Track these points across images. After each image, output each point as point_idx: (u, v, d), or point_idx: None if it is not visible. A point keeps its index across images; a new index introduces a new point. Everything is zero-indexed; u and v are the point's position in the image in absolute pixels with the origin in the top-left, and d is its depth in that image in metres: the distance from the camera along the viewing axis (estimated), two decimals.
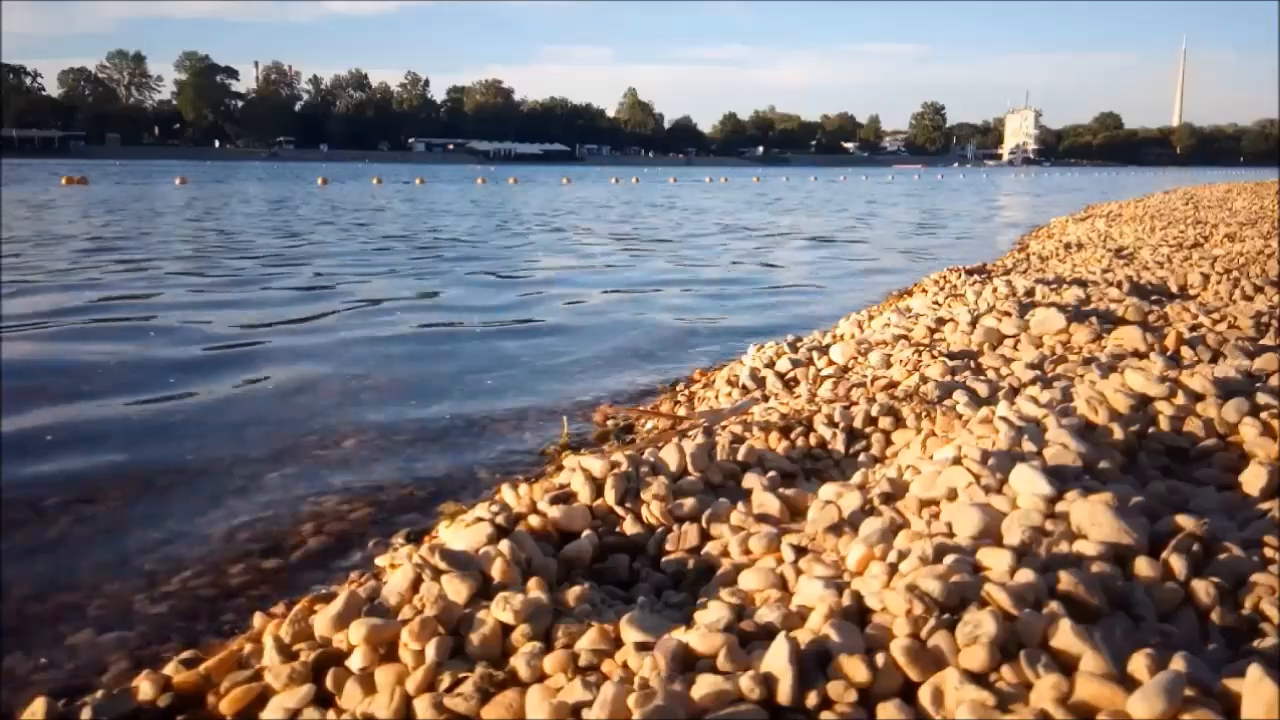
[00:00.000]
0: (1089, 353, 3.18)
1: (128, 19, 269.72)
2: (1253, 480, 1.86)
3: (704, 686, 1.23)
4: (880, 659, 1.24)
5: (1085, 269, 5.96)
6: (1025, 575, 1.36)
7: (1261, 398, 2.15)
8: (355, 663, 1.45)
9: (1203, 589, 1.40)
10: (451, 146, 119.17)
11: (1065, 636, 1.23)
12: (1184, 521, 1.55)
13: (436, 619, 1.48)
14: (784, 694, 1.20)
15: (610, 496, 2.00)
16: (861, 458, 2.44)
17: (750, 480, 2.16)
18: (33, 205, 16.83)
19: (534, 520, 1.91)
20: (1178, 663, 1.16)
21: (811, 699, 1.20)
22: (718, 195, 27.93)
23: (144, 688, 1.51)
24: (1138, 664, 1.17)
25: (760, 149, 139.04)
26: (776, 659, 1.24)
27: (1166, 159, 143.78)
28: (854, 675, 1.22)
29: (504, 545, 1.69)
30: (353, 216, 15.82)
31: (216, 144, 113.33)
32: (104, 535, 2.40)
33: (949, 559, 1.45)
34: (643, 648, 1.36)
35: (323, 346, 4.86)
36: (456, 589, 1.55)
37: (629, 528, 1.94)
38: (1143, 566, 1.44)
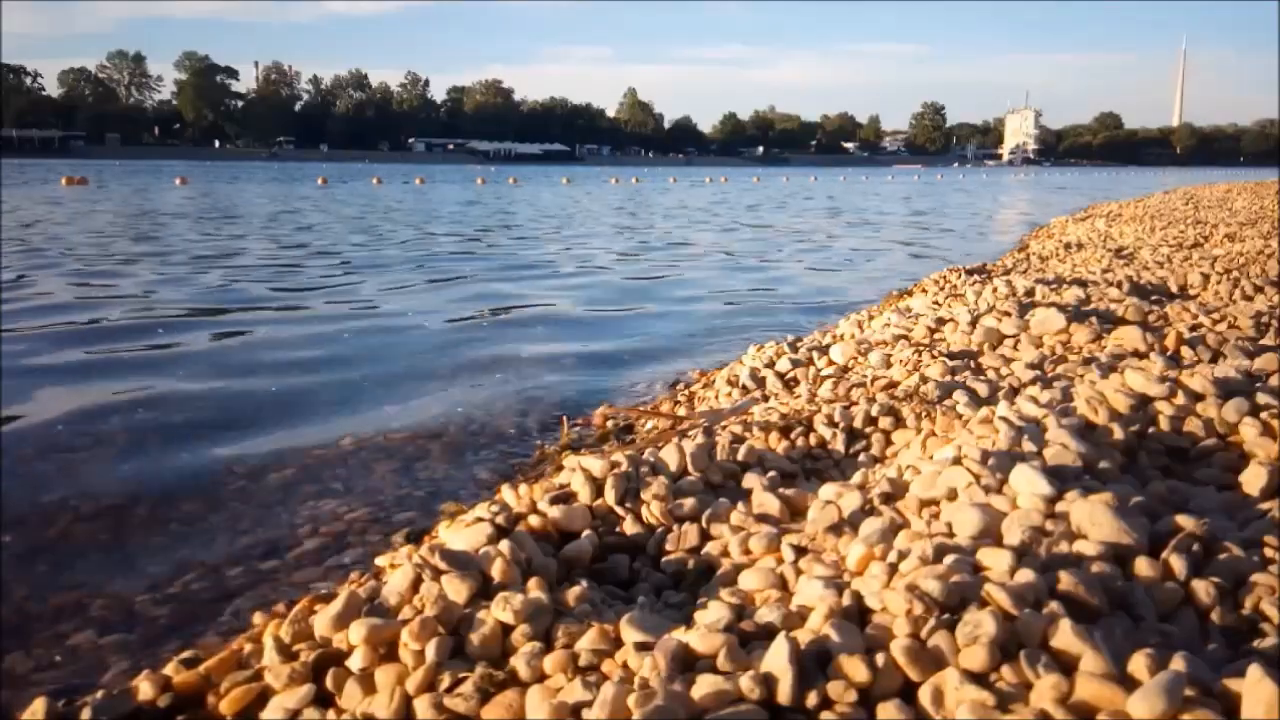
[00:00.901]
0: (1089, 353, 3.18)
1: (128, 19, 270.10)
2: (1253, 480, 1.86)
3: (704, 686, 1.22)
4: (880, 659, 1.24)
5: (1085, 269, 5.96)
6: (1025, 575, 1.36)
7: (1261, 398, 2.15)
8: (355, 663, 1.45)
9: (1203, 589, 1.40)
10: (451, 146, 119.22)
11: (1065, 636, 1.23)
12: (1184, 521, 1.54)
13: (436, 619, 1.48)
14: (784, 694, 1.20)
15: (610, 496, 2.00)
16: (861, 458, 2.44)
17: (750, 480, 2.16)
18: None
19: (534, 520, 1.90)
20: (1178, 663, 1.16)
21: (811, 699, 1.20)
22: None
23: (144, 688, 1.50)
24: (1138, 664, 1.17)
25: (760, 149, 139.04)
26: (776, 659, 1.24)
27: (1166, 159, 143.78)
28: (854, 675, 1.22)
29: (504, 545, 1.68)
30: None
31: (216, 144, 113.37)
32: (105, 534, 2.40)
33: (949, 559, 1.45)
34: (643, 648, 1.36)
35: (319, 341, 4.86)
36: (456, 589, 1.55)
37: (629, 528, 1.94)
38: (1143, 566, 1.44)
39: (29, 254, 8.97)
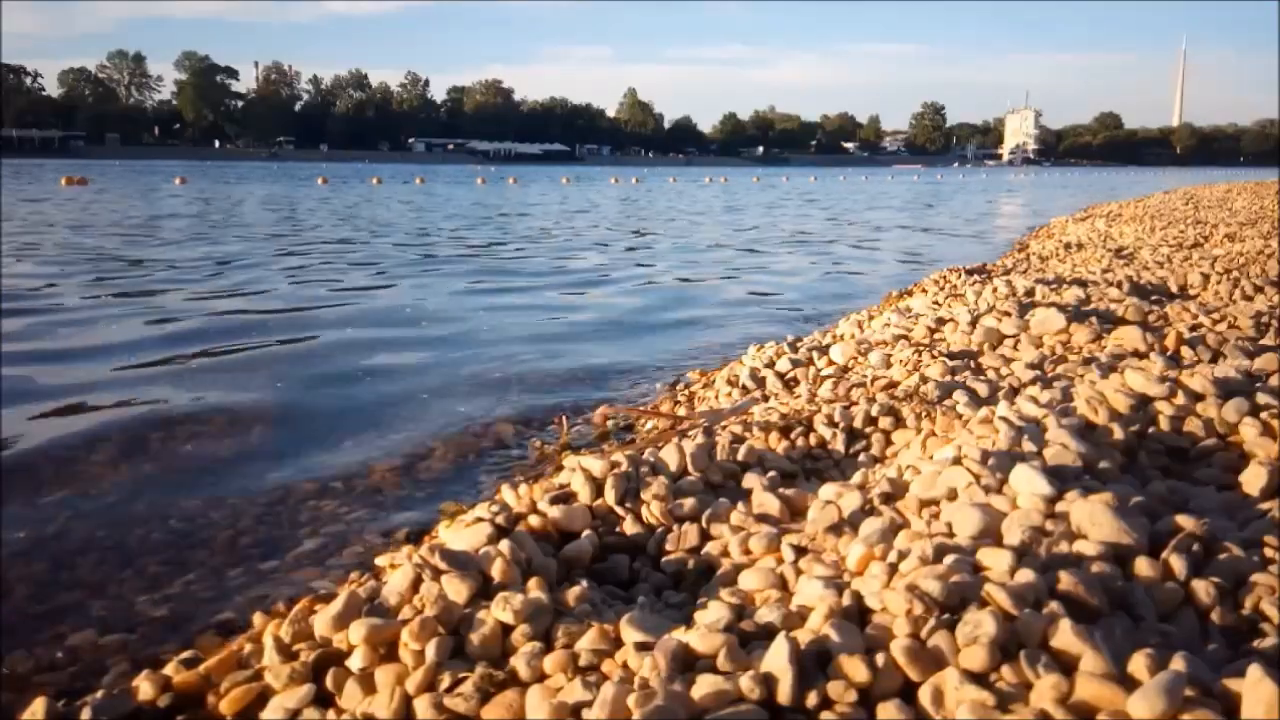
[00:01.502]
0: (1089, 353, 3.18)
1: (128, 19, 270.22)
2: (1253, 480, 1.86)
3: (704, 686, 1.23)
4: (880, 659, 1.24)
5: (1085, 269, 5.96)
6: (1025, 575, 1.36)
7: (1261, 398, 2.15)
8: (355, 663, 1.45)
9: (1203, 589, 1.40)
10: (451, 146, 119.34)
11: (1065, 636, 1.23)
12: (1184, 521, 1.55)
13: (436, 619, 1.48)
14: (784, 694, 1.20)
15: (610, 496, 2.00)
16: (861, 458, 2.44)
17: (750, 480, 2.16)
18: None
19: (534, 520, 1.90)
20: (1178, 663, 1.16)
21: (811, 699, 1.20)
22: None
23: (144, 688, 1.50)
24: (1138, 664, 1.17)
25: (760, 149, 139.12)
26: (776, 659, 1.24)
27: (1166, 159, 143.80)
28: (854, 675, 1.22)
29: (504, 545, 1.69)
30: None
31: (216, 144, 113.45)
32: (105, 534, 2.40)
33: (949, 559, 1.45)
34: (643, 648, 1.36)
35: (317, 342, 4.86)
36: (456, 589, 1.55)
37: (629, 528, 1.94)
38: (1143, 566, 1.44)
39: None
